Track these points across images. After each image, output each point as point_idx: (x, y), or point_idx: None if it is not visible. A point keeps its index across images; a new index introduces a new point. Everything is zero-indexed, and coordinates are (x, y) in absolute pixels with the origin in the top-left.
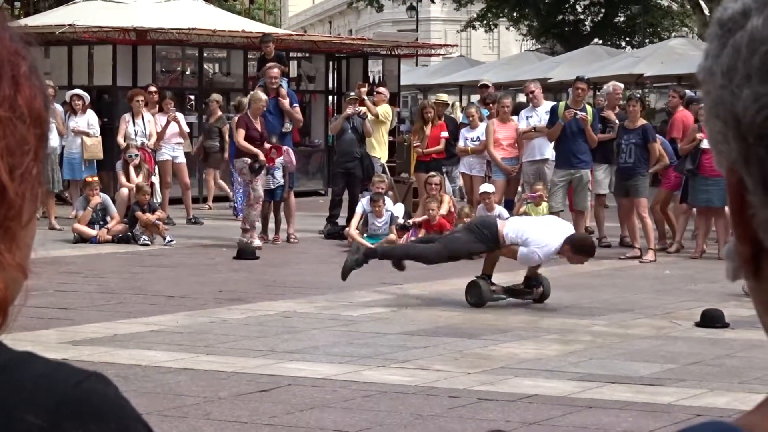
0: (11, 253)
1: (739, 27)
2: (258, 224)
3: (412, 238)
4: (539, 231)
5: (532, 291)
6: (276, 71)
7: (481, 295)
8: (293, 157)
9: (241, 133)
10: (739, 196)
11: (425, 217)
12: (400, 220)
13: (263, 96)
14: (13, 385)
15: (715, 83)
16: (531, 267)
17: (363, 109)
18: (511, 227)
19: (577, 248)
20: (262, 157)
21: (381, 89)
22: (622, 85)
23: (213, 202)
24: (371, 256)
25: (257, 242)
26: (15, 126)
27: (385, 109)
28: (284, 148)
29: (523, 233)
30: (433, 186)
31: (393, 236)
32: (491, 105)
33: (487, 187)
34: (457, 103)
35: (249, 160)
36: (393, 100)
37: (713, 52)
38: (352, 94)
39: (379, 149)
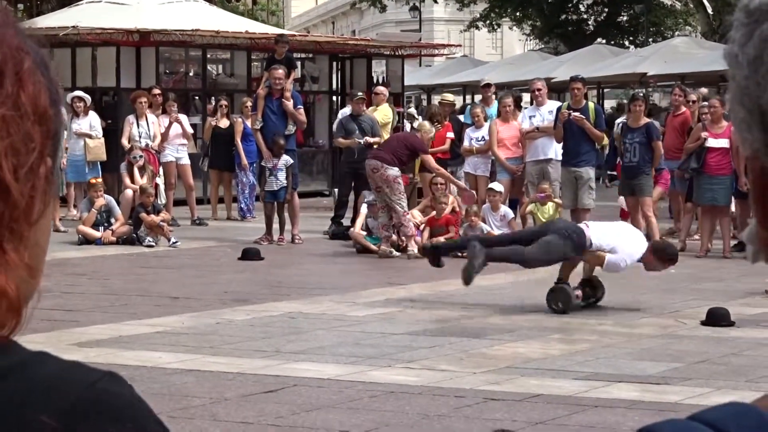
0: (18, 253)
1: (766, 18)
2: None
3: (418, 238)
4: (623, 238)
5: (596, 295)
6: (281, 72)
7: (569, 301)
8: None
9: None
10: (762, 183)
11: (433, 214)
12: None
13: (432, 129)
14: (26, 385)
15: (741, 72)
16: (587, 269)
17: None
18: (596, 233)
19: (663, 255)
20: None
21: (380, 89)
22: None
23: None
24: (490, 259)
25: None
26: (19, 124)
27: (384, 110)
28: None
29: (609, 240)
30: (439, 186)
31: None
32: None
33: (496, 186)
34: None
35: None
36: (397, 101)
37: (740, 39)
38: (360, 94)
39: None
